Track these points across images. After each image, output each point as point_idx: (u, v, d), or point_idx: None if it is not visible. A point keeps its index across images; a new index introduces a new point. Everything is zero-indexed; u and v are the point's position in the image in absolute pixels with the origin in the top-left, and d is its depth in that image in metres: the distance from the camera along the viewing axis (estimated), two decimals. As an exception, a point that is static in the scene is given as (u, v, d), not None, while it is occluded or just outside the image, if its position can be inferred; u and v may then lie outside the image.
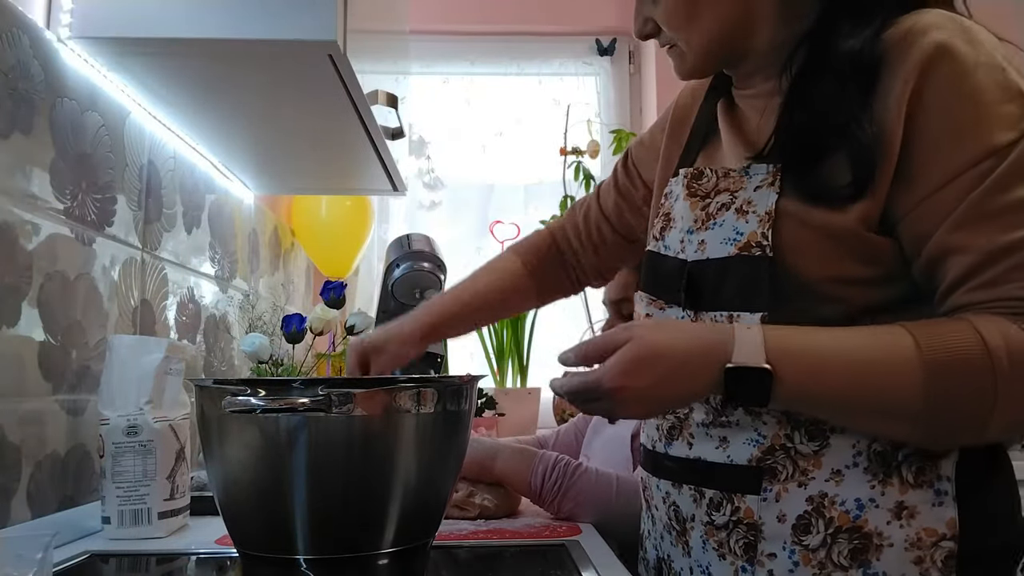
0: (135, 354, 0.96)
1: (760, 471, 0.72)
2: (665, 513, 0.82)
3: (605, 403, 0.68)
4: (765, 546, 0.71)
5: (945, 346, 0.63)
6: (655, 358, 0.66)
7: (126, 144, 1.14)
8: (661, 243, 0.85)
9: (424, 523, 0.77)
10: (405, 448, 0.72)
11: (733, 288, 0.73)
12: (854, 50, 0.70)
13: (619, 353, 0.67)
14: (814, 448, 0.71)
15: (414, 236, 1.64)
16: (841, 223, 0.69)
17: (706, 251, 0.76)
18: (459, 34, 2.61)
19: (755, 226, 0.72)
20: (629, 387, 0.66)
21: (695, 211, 0.79)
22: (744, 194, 0.75)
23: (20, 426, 0.87)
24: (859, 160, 0.68)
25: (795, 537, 0.70)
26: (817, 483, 0.70)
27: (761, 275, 0.71)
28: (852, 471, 0.70)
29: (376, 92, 1.18)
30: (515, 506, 1.12)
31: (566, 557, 0.84)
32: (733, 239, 0.74)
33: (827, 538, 0.69)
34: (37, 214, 0.91)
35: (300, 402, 0.66)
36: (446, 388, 0.75)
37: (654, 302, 0.84)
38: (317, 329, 1.58)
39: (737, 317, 0.72)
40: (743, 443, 0.73)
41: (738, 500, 0.73)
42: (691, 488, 0.77)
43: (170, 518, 0.95)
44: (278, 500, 0.70)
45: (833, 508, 0.69)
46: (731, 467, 0.74)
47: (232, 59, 1.02)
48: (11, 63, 0.87)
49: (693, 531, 0.77)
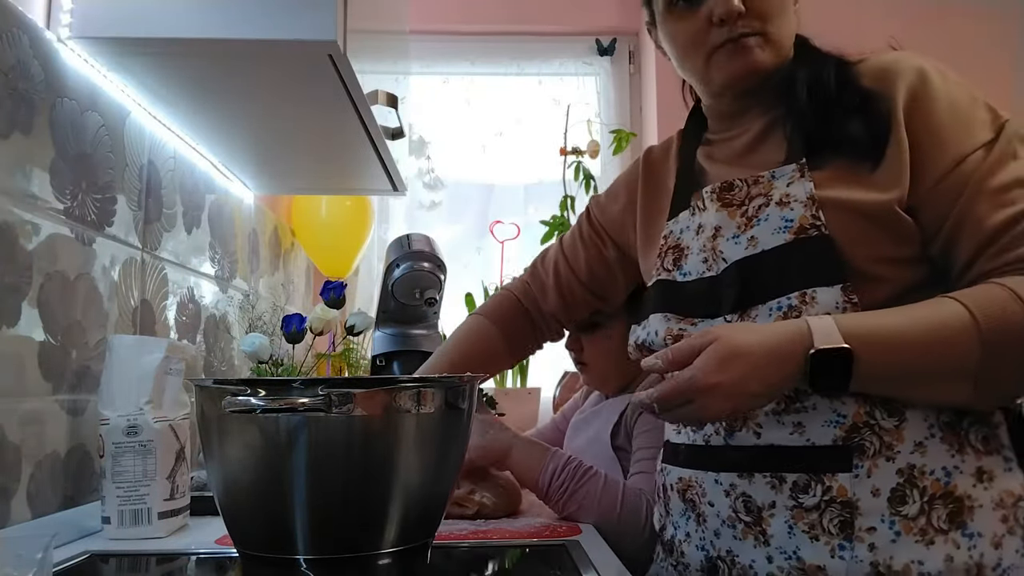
0: (135, 354, 0.96)
1: (849, 449, 0.75)
2: (729, 507, 0.82)
3: (697, 404, 0.72)
4: (862, 521, 0.74)
5: (991, 307, 0.71)
6: (742, 354, 0.71)
7: (126, 144, 1.14)
8: (677, 272, 0.91)
9: (424, 523, 0.77)
10: (405, 448, 0.72)
11: (797, 270, 0.78)
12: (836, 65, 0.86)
13: (706, 353, 0.72)
14: (895, 423, 0.76)
15: (414, 236, 1.64)
16: (879, 199, 0.77)
17: (758, 245, 0.81)
18: (459, 34, 2.61)
19: (802, 211, 0.79)
20: (721, 384, 0.71)
21: (735, 218, 0.85)
22: (778, 191, 0.82)
23: (20, 426, 0.87)
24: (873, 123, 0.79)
25: (892, 509, 0.74)
26: (903, 456, 0.75)
27: (823, 251, 0.77)
28: (932, 442, 0.75)
29: (376, 92, 1.18)
30: (515, 505, 1.12)
31: (566, 557, 0.84)
32: (784, 227, 0.80)
33: (924, 506, 0.74)
34: (37, 214, 0.91)
35: (300, 402, 0.66)
36: (446, 388, 0.75)
37: (684, 319, 0.88)
38: (317, 329, 1.58)
39: (812, 295, 0.77)
40: (821, 426, 0.77)
41: (828, 480, 0.75)
42: (767, 475, 0.79)
43: (170, 518, 0.95)
44: (278, 500, 0.70)
45: (924, 478, 0.74)
46: (814, 449, 0.77)
47: (232, 59, 1.02)
48: (11, 63, 0.87)
49: (774, 518, 0.78)
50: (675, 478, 0.90)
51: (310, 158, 1.52)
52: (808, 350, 0.71)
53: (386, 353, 1.67)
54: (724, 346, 0.71)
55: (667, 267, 0.93)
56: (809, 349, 0.71)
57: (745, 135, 0.93)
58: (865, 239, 0.77)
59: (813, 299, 0.77)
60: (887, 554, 0.73)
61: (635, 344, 0.96)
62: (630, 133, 2.48)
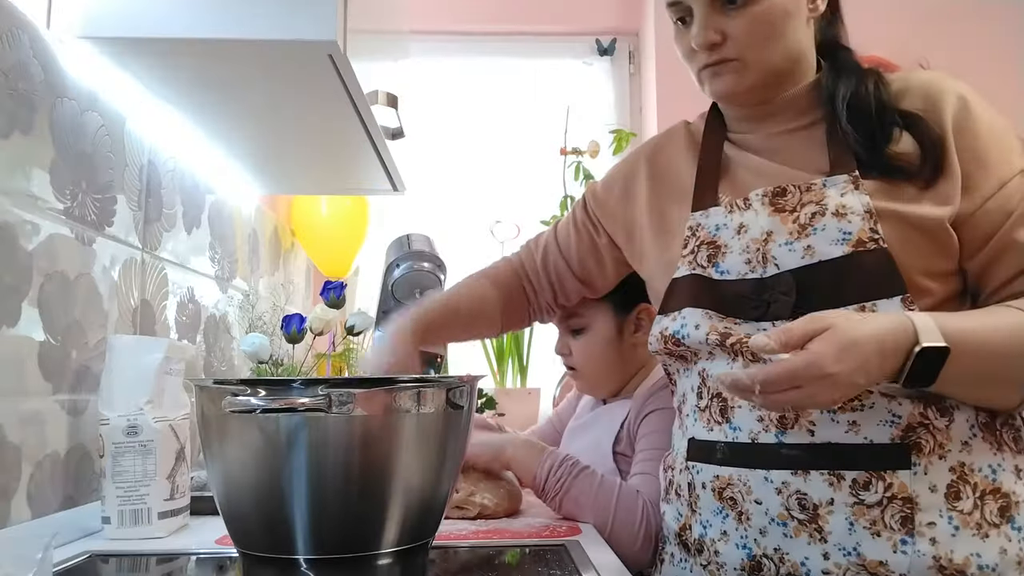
0: (135, 354, 0.96)
1: (908, 447, 0.78)
2: (781, 504, 0.82)
3: (807, 390, 0.72)
4: (923, 516, 0.77)
5: None
6: (858, 344, 0.72)
7: (126, 144, 1.14)
8: (712, 268, 0.91)
9: (424, 523, 0.77)
10: (405, 448, 0.72)
11: (856, 282, 0.80)
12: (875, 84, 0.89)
13: (824, 340, 0.71)
14: (945, 423, 0.79)
15: (414, 236, 1.64)
16: (927, 214, 0.81)
17: (815, 255, 0.83)
18: (459, 34, 2.61)
19: (860, 224, 0.81)
20: (838, 374, 0.71)
21: (787, 224, 0.86)
22: (831, 202, 0.84)
23: (20, 426, 0.87)
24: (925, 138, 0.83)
25: (950, 504, 0.77)
26: (953, 455, 0.78)
27: (883, 266, 0.80)
28: (975, 441, 0.79)
29: (376, 92, 1.18)
30: (515, 506, 1.12)
31: (566, 557, 0.84)
32: (842, 239, 0.82)
33: (976, 501, 0.77)
34: (37, 214, 0.91)
35: (300, 402, 0.66)
36: (446, 388, 0.75)
37: (726, 318, 0.88)
38: (317, 329, 1.58)
39: (871, 307, 0.79)
40: (877, 424, 0.79)
41: (890, 477, 0.78)
42: (824, 473, 0.80)
43: (170, 518, 0.95)
44: (278, 500, 0.70)
45: (974, 475, 0.78)
46: (873, 447, 0.78)
47: (232, 59, 1.02)
48: (11, 63, 0.87)
49: (832, 515, 0.79)
50: (710, 476, 0.89)
51: (310, 158, 1.52)
52: (913, 346, 0.73)
53: (386, 353, 1.66)
54: (842, 335, 0.71)
55: (701, 263, 0.92)
56: (914, 345, 0.73)
57: (776, 137, 0.95)
58: (918, 252, 0.81)
59: (873, 311, 0.79)
60: (948, 548, 0.76)
61: (662, 335, 0.94)
62: (630, 133, 2.48)
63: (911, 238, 0.81)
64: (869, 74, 0.90)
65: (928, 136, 0.84)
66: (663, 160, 1.06)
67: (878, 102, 0.87)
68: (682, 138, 1.06)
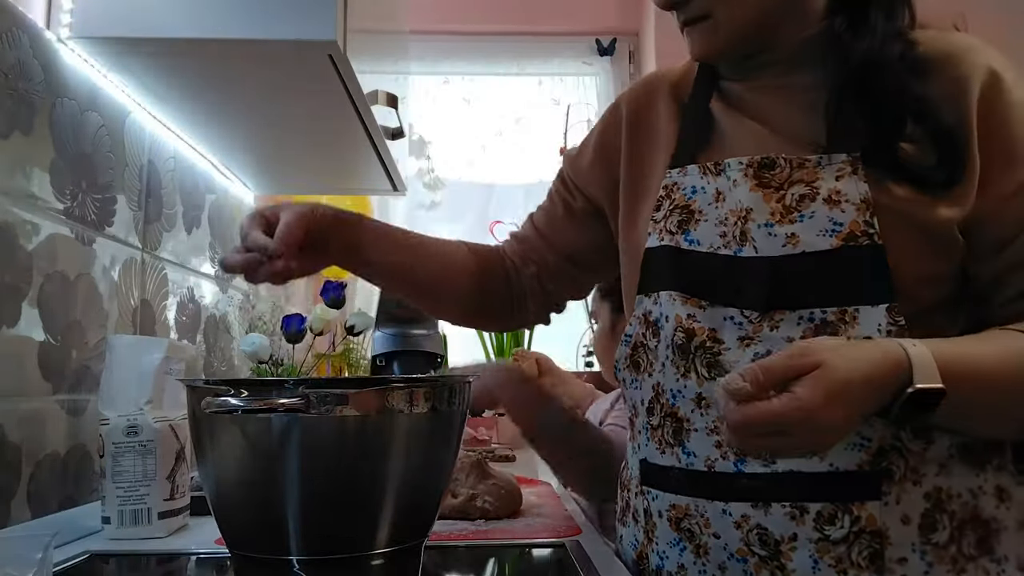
0: (135, 354, 0.96)
1: (878, 475, 0.69)
2: (740, 539, 0.73)
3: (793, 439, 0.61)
4: (893, 552, 0.68)
5: None
6: (849, 388, 0.61)
7: (126, 144, 1.14)
8: (681, 236, 0.80)
9: (418, 523, 0.77)
10: (397, 448, 0.72)
11: (841, 283, 0.71)
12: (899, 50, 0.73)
13: (811, 383, 0.60)
14: (922, 445, 0.70)
15: (414, 236, 1.64)
16: (938, 217, 0.70)
17: (799, 245, 0.72)
18: (459, 34, 2.61)
19: (854, 215, 0.70)
20: (828, 421, 0.60)
21: (770, 203, 0.74)
22: (825, 184, 0.73)
23: (20, 426, 0.87)
24: (944, 143, 0.70)
25: (923, 537, 0.68)
26: (929, 479, 0.70)
27: (874, 266, 0.69)
28: (953, 462, 0.70)
29: (376, 92, 1.18)
30: (516, 506, 1.12)
31: (566, 557, 0.84)
32: (832, 230, 0.71)
33: (953, 532, 0.69)
34: (37, 214, 0.91)
35: (280, 403, 0.66)
36: (438, 388, 0.75)
37: (689, 300, 0.78)
38: (317, 329, 1.58)
39: (854, 312, 0.70)
40: (845, 449, 0.69)
41: (857, 509, 0.69)
42: (788, 506, 0.71)
43: (170, 518, 0.95)
44: (269, 500, 0.70)
45: (951, 502, 0.69)
46: (839, 475, 0.69)
47: (232, 59, 1.02)
48: (11, 63, 0.87)
49: (796, 552, 0.70)
50: (665, 504, 0.80)
51: (310, 158, 1.52)
52: (905, 387, 0.62)
53: (386, 353, 1.66)
54: (832, 377, 0.60)
55: (670, 228, 0.81)
56: (906, 386, 0.62)
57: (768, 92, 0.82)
58: (916, 253, 0.70)
59: (854, 318, 0.69)
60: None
61: (643, 317, 0.84)
62: (630, 133, 2.48)
63: (911, 237, 0.70)
64: (896, 37, 0.74)
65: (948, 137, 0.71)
66: (645, 114, 0.92)
67: (898, 78, 0.72)
68: (667, 84, 0.92)
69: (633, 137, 0.91)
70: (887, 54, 0.73)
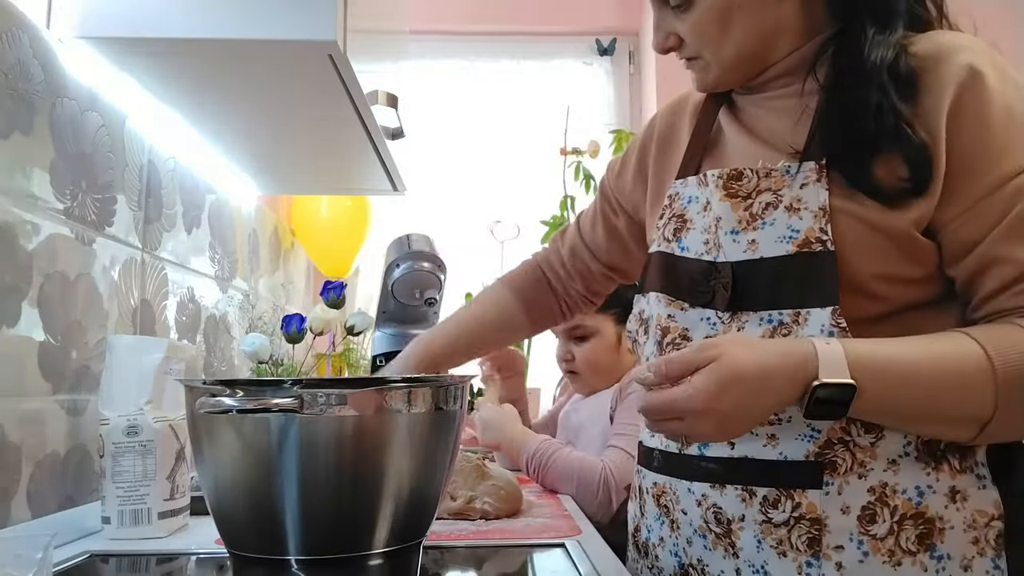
0: (135, 354, 0.96)
1: (820, 465, 0.73)
2: (700, 516, 0.80)
3: (686, 424, 0.68)
4: (831, 539, 0.72)
5: (1012, 353, 0.67)
6: (743, 379, 0.66)
7: (126, 144, 1.14)
8: (675, 244, 0.85)
9: (416, 523, 0.77)
10: (395, 448, 0.72)
11: (793, 286, 0.74)
12: (887, 59, 0.74)
13: (706, 373, 0.66)
14: (871, 440, 0.73)
15: (414, 236, 1.64)
16: (897, 223, 0.72)
17: (758, 250, 0.76)
18: (459, 34, 2.61)
19: (810, 222, 0.74)
20: (717, 409, 0.66)
21: (737, 212, 0.79)
22: (790, 192, 0.76)
23: (20, 426, 0.87)
24: (916, 159, 0.72)
25: (862, 528, 0.72)
26: (876, 474, 0.72)
27: (825, 271, 0.72)
28: (906, 460, 0.72)
29: (376, 92, 1.18)
30: (516, 506, 1.12)
31: (566, 557, 0.84)
32: (789, 237, 0.75)
33: (893, 526, 0.71)
34: (37, 214, 0.91)
35: (275, 403, 0.66)
36: (435, 388, 0.75)
37: (674, 302, 0.83)
38: (317, 329, 1.58)
39: (804, 315, 0.73)
40: (795, 439, 0.74)
41: (798, 496, 0.73)
42: (739, 488, 0.76)
43: (170, 518, 0.95)
44: (267, 500, 0.70)
45: (895, 497, 0.72)
46: (786, 464, 0.74)
47: (232, 59, 1.02)
48: (11, 63, 0.87)
49: (743, 531, 0.76)
50: (650, 483, 0.88)
51: (310, 158, 1.52)
52: (811, 381, 0.66)
53: (386, 353, 1.66)
54: (725, 368, 0.66)
55: (667, 236, 0.87)
56: (812, 380, 0.66)
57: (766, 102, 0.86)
58: (874, 255, 0.73)
59: (806, 320, 0.73)
60: (853, 574, 0.72)
61: (639, 315, 0.91)
62: (630, 133, 2.48)
63: (870, 240, 0.73)
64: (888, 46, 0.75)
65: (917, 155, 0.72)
66: (672, 125, 0.98)
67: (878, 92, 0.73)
68: (695, 99, 0.97)
69: (660, 152, 0.98)
70: (869, 67, 0.74)
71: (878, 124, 0.73)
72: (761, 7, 0.80)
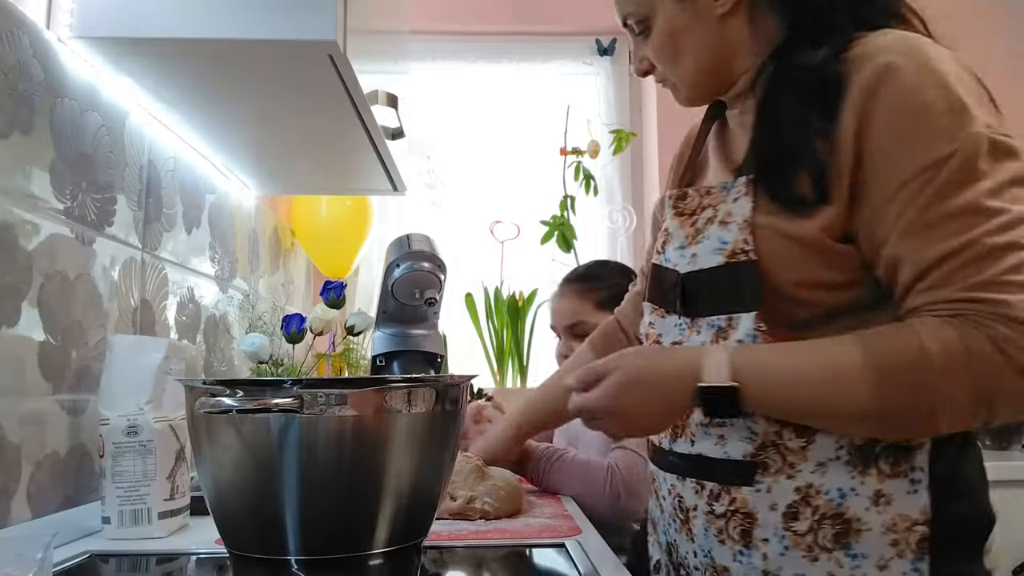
0: (135, 354, 0.96)
1: (754, 465, 0.79)
2: (671, 503, 0.89)
3: (603, 423, 0.81)
4: (759, 532, 0.78)
5: (888, 352, 0.70)
6: (637, 382, 0.78)
7: (126, 144, 1.14)
8: (663, 256, 0.91)
9: (415, 523, 0.77)
10: (395, 448, 0.72)
11: (725, 293, 0.81)
12: (813, 67, 0.77)
13: (608, 379, 0.79)
14: (801, 444, 0.77)
15: (414, 236, 1.64)
16: (806, 232, 0.76)
17: (697, 263, 0.84)
18: (459, 34, 2.61)
19: (736, 234, 0.80)
20: (618, 409, 0.79)
21: (685, 228, 0.87)
22: (724, 207, 0.82)
23: (20, 426, 0.87)
24: (814, 169, 0.75)
25: (785, 524, 0.77)
26: (804, 475, 0.77)
27: (747, 279, 0.78)
28: (835, 463, 0.76)
29: (376, 92, 1.18)
30: (516, 506, 1.12)
31: (566, 557, 0.85)
32: (720, 249, 0.81)
33: (813, 524, 0.76)
34: (37, 214, 0.91)
35: (274, 403, 0.66)
36: (436, 388, 0.75)
37: (656, 310, 0.92)
38: (317, 329, 1.58)
39: (735, 319, 0.80)
40: (738, 440, 0.80)
41: (735, 492, 0.80)
42: (693, 481, 0.84)
43: (170, 518, 0.95)
44: (268, 501, 0.70)
45: (818, 497, 0.76)
46: (728, 462, 0.80)
47: (232, 59, 1.02)
48: (11, 63, 0.87)
49: (696, 519, 0.84)
50: (650, 470, 0.98)
51: (310, 158, 1.52)
52: (696, 383, 0.75)
53: (386, 353, 1.66)
54: (622, 375, 0.78)
55: (658, 249, 0.93)
56: (697, 383, 0.75)
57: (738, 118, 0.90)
58: (792, 263, 0.76)
59: (736, 324, 0.79)
60: (776, 564, 0.77)
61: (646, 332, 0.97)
62: (630, 133, 2.48)
63: (787, 249, 0.76)
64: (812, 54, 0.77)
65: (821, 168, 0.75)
66: (686, 141, 1.05)
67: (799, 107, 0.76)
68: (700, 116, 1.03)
69: (674, 172, 1.05)
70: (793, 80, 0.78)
71: (796, 137, 0.76)
72: (704, 27, 0.85)
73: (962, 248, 0.68)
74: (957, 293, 0.68)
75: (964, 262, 0.68)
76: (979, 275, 0.67)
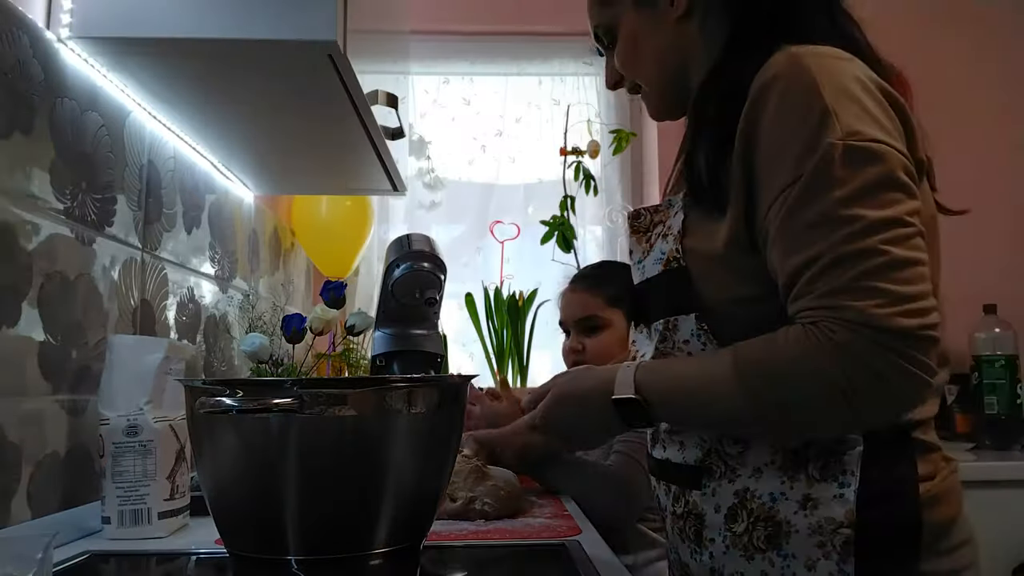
0: (135, 354, 0.96)
1: (701, 470, 0.84)
2: (659, 503, 0.94)
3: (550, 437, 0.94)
4: (707, 532, 0.83)
5: (751, 359, 0.74)
6: (564, 400, 0.87)
7: (126, 144, 1.14)
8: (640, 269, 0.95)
9: (415, 524, 0.77)
10: (395, 448, 0.72)
11: (663, 299, 0.85)
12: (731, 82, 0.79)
13: (544, 399, 0.88)
14: (738, 450, 0.82)
15: (414, 236, 1.64)
16: (710, 245, 0.80)
17: (646, 274, 0.88)
18: (459, 34, 2.61)
19: (671, 244, 0.84)
20: (554, 425, 0.88)
21: (641, 244, 0.91)
22: (668, 221, 0.87)
23: (20, 426, 0.87)
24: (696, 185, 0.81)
25: (727, 525, 0.82)
26: (742, 480, 0.81)
27: (683, 283, 0.82)
28: (769, 468, 0.80)
29: (376, 92, 1.18)
30: (516, 506, 1.12)
31: (566, 557, 0.85)
32: (660, 259, 0.85)
33: (749, 525, 0.81)
34: (37, 214, 0.91)
35: (274, 403, 0.66)
36: (436, 388, 0.75)
37: (636, 326, 0.97)
38: (317, 329, 1.57)
39: (675, 322, 0.84)
40: (692, 447, 0.86)
41: (688, 495, 0.86)
42: (664, 483, 0.91)
43: (170, 518, 0.95)
44: (268, 501, 0.70)
45: (753, 500, 0.80)
46: (685, 466, 0.86)
47: (232, 59, 1.02)
48: (11, 63, 0.87)
49: (667, 519, 0.90)
50: None
51: (310, 158, 1.52)
52: (610, 397, 0.81)
53: (386, 353, 1.66)
54: (552, 397, 0.87)
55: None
56: (611, 396, 0.81)
57: None
58: (711, 279, 0.80)
59: (676, 326, 0.83)
60: (721, 563, 0.82)
61: None
62: (630, 133, 2.48)
63: (703, 264, 0.81)
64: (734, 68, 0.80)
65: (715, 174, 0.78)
66: None
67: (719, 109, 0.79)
68: None
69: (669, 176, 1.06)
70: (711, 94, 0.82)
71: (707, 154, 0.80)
72: (662, 32, 0.89)
73: (818, 257, 0.70)
74: (812, 301, 0.71)
75: (819, 271, 0.70)
76: (830, 284, 0.69)
